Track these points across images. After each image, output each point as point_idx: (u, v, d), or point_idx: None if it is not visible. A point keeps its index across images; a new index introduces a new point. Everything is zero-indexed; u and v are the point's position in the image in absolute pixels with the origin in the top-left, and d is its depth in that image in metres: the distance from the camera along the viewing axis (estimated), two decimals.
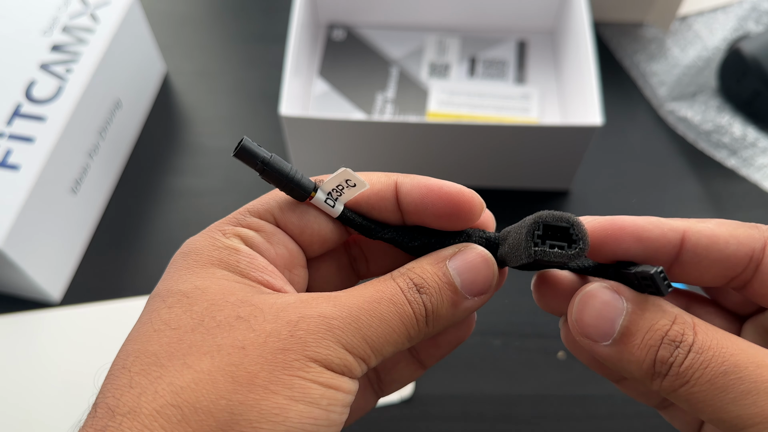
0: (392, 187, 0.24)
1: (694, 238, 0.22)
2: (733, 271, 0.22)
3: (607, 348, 0.20)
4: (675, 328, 0.20)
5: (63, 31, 0.48)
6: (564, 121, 0.53)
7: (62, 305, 0.46)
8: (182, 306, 0.20)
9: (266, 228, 0.23)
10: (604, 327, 0.20)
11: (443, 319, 0.22)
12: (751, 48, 0.51)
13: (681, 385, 0.19)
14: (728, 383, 0.19)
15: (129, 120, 0.52)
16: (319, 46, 0.58)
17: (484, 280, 0.22)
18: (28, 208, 0.41)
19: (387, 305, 0.21)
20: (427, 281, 0.22)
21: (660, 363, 0.19)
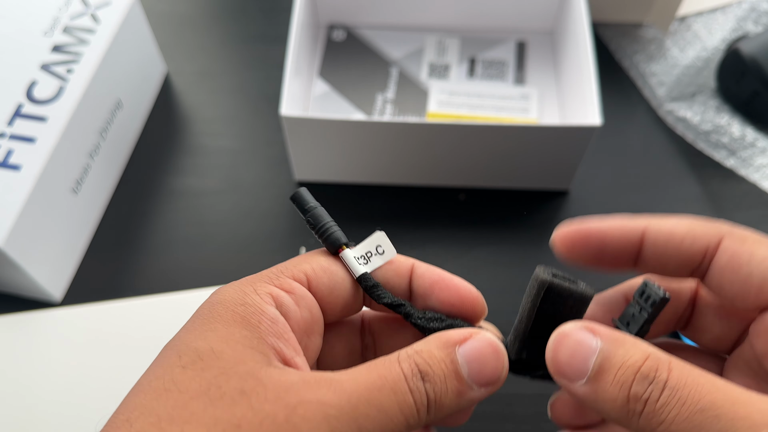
0: (409, 266, 0.25)
1: (654, 235, 0.24)
2: (691, 265, 0.23)
3: (583, 387, 0.20)
4: (648, 364, 0.19)
5: (64, 32, 0.48)
6: (563, 122, 0.53)
7: (63, 305, 0.46)
8: (195, 369, 0.20)
9: (297, 290, 0.24)
10: (578, 365, 0.20)
11: (446, 408, 0.21)
12: (750, 48, 0.51)
13: (658, 423, 0.19)
14: (706, 421, 0.18)
15: (130, 120, 0.52)
16: (319, 47, 0.58)
17: (493, 371, 0.22)
18: (29, 208, 0.41)
19: (388, 394, 0.20)
20: (433, 368, 0.21)
21: (634, 400, 0.19)
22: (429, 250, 0.48)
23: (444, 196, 0.51)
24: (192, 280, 0.47)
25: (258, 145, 0.54)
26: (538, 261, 0.49)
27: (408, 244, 0.49)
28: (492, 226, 0.50)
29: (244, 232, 0.49)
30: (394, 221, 0.50)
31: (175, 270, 0.48)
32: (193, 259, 0.48)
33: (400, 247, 0.51)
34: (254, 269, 0.48)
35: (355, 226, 0.50)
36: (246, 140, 0.54)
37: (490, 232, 0.49)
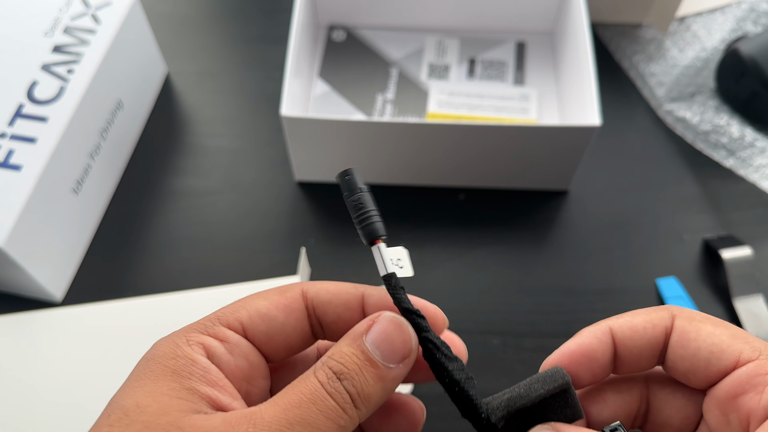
0: (360, 295, 0.25)
1: (620, 333, 0.25)
2: (657, 350, 0.25)
3: None
4: None
5: (64, 32, 0.48)
6: (563, 122, 0.53)
7: (64, 305, 0.46)
8: (120, 425, 0.21)
9: (231, 339, 0.24)
10: None
11: (374, 396, 0.22)
12: (749, 49, 0.51)
13: None
14: None
15: (130, 120, 0.53)
16: (320, 47, 0.58)
17: (403, 345, 0.22)
18: (30, 208, 0.41)
19: (308, 407, 0.21)
20: (347, 365, 0.22)
21: None
22: (429, 250, 0.48)
23: (444, 196, 0.51)
24: (192, 279, 0.47)
25: (258, 146, 0.54)
26: (537, 261, 0.49)
27: (408, 244, 0.49)
28: (492, 226, 0.50)
29: (244, 232, 0.49)
30: (395, 221, 0.50)
31: (175, 270, 0.48)
32: (193, 258, 0.48)
33: None
34: (254, 269, 0.48)
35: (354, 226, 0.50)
36: (246, 140, 0.54)
37: (490, 232, 0.50)
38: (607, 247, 0.49)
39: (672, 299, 0.46)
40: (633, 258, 0.48)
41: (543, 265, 0.48)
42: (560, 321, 0.46)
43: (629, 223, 0.50)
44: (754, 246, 0.47)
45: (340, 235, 0.49)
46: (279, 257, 0.48)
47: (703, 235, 0.49)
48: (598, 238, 0.49)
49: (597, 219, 0.50)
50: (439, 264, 0.48)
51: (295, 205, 0.51)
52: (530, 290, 0.47)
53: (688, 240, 0.49)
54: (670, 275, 0.47)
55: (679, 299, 0.45)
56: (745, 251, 0.46)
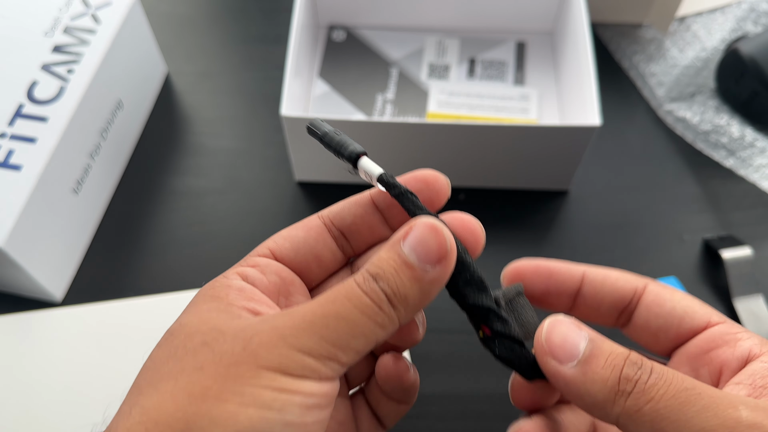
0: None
1: (592, 276, 0.27)
2: (621, 304, 0.27)
3: (573, 369, 0.22)
4: (634, 355, 0.22)
5: (64, 32, 0.48)
6: (563, 122, 0.53)
7: (64, 305, 0.46)
8: (166, 343, 0.23)
9: (261, 262, 0.26)
10: (570, 348, 0.22)
11: (411, 298, 0.22)
12: (749, 48, 0.51)
13: (647, 402, 0.20)
14: (690, 398, 0.20)
15: (130, 120, 0.53)
16: (320, 47, 0.58)
17: (439, 247, 0.23)
18: (30, 208, 0.41)
19: (342, 302, 0.22)
20: (383, 268, 0.22)
21: (625, 380, 0.21)
22: None
23: None
24: (192, 279, 0.47)
25: (258, 146, 0.54)
26: None
27: None
28: (492, 226, 0.50)
29: (244, 232, 0.49)
30: None
31: (175, 270, 0.48)
32: (193, 258, 0.48)
33: None
34: None
35: None
36: (246, 140, 0.54)
37: (490, 232, 0.49)
38: (607, 247, 0.49)
39: None
40: (633, 258, 0.48)
41: None
42: None
43: (629, 223, 0.50)
44: (754, 246, 0.47)
45: None
46: None
47: (703, 235, 0.49)
48: (598, 238, 0.49)
49: (597, 219, 0.50)
50: None
51: (295, 204, 0.51)
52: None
53: (688, 240, 0.49)
54: (671, 275, 0.47)
55: None
56: (745, 251, 0.46)
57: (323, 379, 0.21)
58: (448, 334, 0.45)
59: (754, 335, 0.25)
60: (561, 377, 0.22)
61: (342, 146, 0.25)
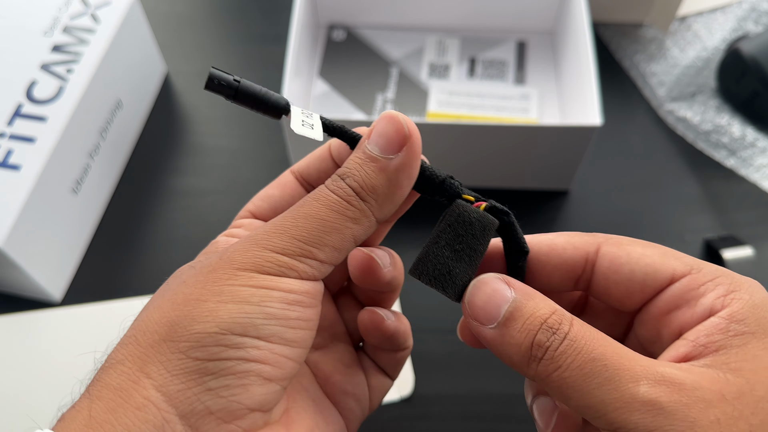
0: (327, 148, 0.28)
1: (537, 247, 0.26)
2: (574, 273, 0.25)
3: (492, 331, 0.22)
4: (554, 318, 0.22)
5: (64, 32, 0.48)
6: (563, 122, 0.53)
7: (63, 305, 0.46)
8: (161, 287, 0.25)
9: (244, 222, 0.28)
10: (491, 311, 0.22)
11: (378, 187, 0.23)
12: (750, 48, 0.51)
13: (554, 369, 0.21)
14: (595, 369, 0.20)
15: (130, 120, 0.52)
16: (320, 47, 0.58)
17: (397, 134, 0.23)
18: (29, 208, 0.41)
19: (311, 204, 0.23)
20: (349, 166, 0.24)
21: (537, 346, 0.21)
22: None
23: None
24: None
25: (258, 145, 0.54)
26: None
27: (408, 244, 0.49)
28: None
29: None
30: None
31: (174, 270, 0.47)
32: (192, 258, 0.48)
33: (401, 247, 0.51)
34: None
35: None
36: (246, 140, 0.54)
37: None
38: None
39: None
40: None
41: None
42: None
43: (630, 223, 0.50)
44: (755, 246, 0.47)
45: None
46: None
47: (704, 235, 0.49)
48: None
49: (598, 219, 0.50)
50: None
51: None
52: None
53: (689, 240, 0.49)
54: None
55: None
56: (746, 251, 0.46)
57: (303, 277, 0.23)
58: (449, 334, 0.45)
59: (723, 281, 0.23)
60: (482, 338, 0.23)
61: (266, 97, 0.24)
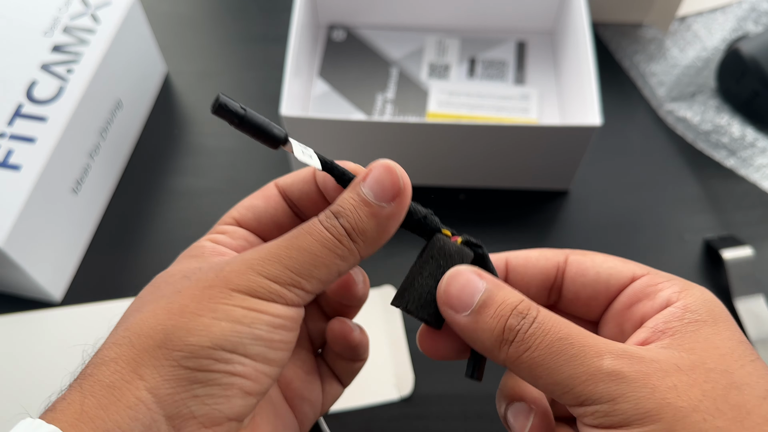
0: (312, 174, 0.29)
1: (515, 260, 0.28)
2: (548, 282, 0.28)
3: (466, 318, 0.24)
4: (523, 305, 0.24)
5: (64, 32, 0.48)
6: (563, 122, 0.53)
7: (63, 305, 0.46)
8: (151, 286, 0.26)
9: (228, 229, 0.29)
10: (465, 299, 0.24)
11: (368, 231, 0.25)
12: (749, 48, 0.51)
13: (524, 350, 0.23)
14: (562, 347, 0.22)
15: (130, 120, 0.53)
16: (320, 47, 0.58)
17: (393, 185, 0.25)
18: (29, 208, 0.41)
19: (305, 237, 0.24)
20: (344, 206, 0.25)
21: (509, 330, 0.23)
22: None
23: (444, 196, 0.51)
24: None
25: (257, 145, 0.53)
26: None
27: (408, 244, 0.49)
28: (492, 226, 0.50)
29: None
30: None
31: None
32: None
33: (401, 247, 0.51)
34: None
35: None
36: (245, 140, 0.54)
37: (490, 232, 0.49)
38: (608, 247, 0.49)
39: None
40: (633, 258, 0.48)
41: None
42: None
43: (630, 223, 0.50)
44: (755, 246, 0.47)
45: None
46: None
47: (704, 235, 0.49)
48: (598, 238, 0.49)
49: (597, 219, 0.50)
50: None
51: None
52: None
53: (689, 240, 0.49)
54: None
55: None
56: (745, 251, 0.46)
57: (289, 304, 0.24)
58: None
59: (676, 282, 0.25)
60: (456, 325, 0.25)
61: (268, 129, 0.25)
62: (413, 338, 0.45)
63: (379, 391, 0.43)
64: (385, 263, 0.48)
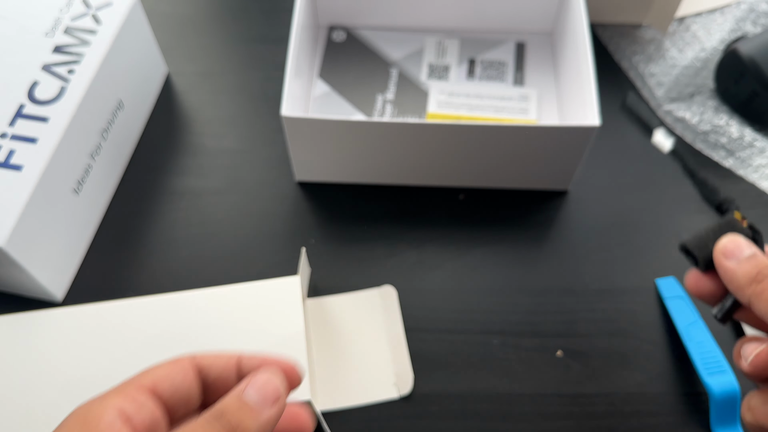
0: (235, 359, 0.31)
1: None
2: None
3: (732, 263, 0.30)
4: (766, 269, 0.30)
5: (65, 33, 0.48)
6: (562, 122, 0.53)
7: (65, 305, 0.46)
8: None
9: (139, 398, 0.28)
10: (736, 252, 0.30)
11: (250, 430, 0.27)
12: (748, 49, 0.52)
13: (765, 288, 0.29)
14: None
15: (131, 121, 0.53)
16: (320, 48, 0.58)
17: (274, 392, 0.28)
18: (31, 208, 0.41)
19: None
20: (226, 407, 0.27)
21: (761, 274, 0.29)
22: (428, 250, 0.49)
23: (443, 196, 0.51)
24: (193, 279, 0.47)
25: (258, 146, 0.54)
26: (537, 261, 0.49)
27: (408, 244, 0.49)
28: (491, 226, 0.50)
29: (244, 232, 0.50)
30: (394, 221, 0.50)
31: (176, 270, 0.48)
32: (193, 258, 0.48)
33: (401, 247, 0.51)
34: (254, 269, 0.48)
35: (355, 226, 0.50)
36: (247, 140, 0.55)
37: (489, 232, 0.50)
38: (607, 247, 0.49)
39: (671, 299, 0.46)
40: (632, 258, 0.48)
41: (542, 265, 0.48)
42: (559, 321, 0.46)
43: (628, 222, 0.50)
44: None
45: (340, 234, 0.49)
46: (279, 257, 0.48)
47: None
48: (597, 238, 0.49)
49: (596, 219, 0.50)
50: (439, 264, 0.48)
51: (296, 204, 0.51)
52: (530, 290, 0.47)
53: None
54: (669, 275, 0.47)
55: (678, 299, 0.46)
56: None
57: None
58: (449, 333, 0.45)
59: None
60: (722, 267, 0.30)
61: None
62: (413, 338, 0.45)
63: (379, 390, 0.43)
64: (384, 263, 0.48)
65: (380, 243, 0.49)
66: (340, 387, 0.43)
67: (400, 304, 0.46)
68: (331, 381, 0.43)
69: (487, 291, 0.47)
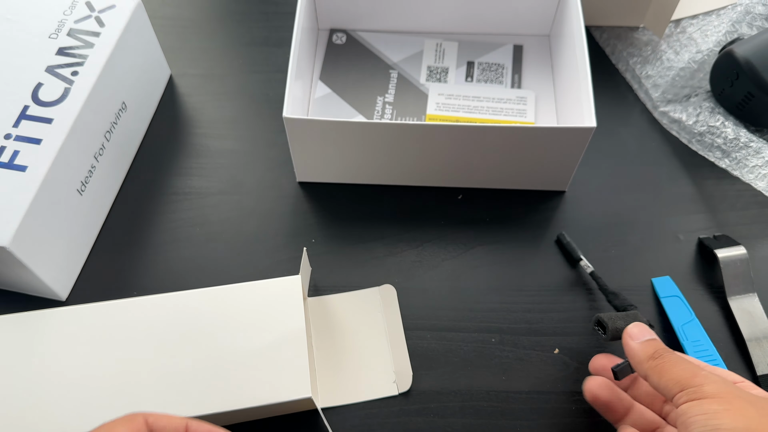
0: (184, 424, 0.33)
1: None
2: None
3: (637, 343, 0.36)
4: (665, 348, 0.36)
5: (69, 35, 0.49)
6: (559, 124, 0.53)
7: (69, 304, 0.46)
8: None
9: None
10: (640, 335, 0.37)
11: None
12: (743, 51, 0.52)
13: (660, 362, 0.34)
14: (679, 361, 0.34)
15: (134, 122, 0.53)
16: (320, 50, 0.58)
17: None
18: (36, 208, 0.42)
19: None
20: None
21: (657, 352, 0.35)
22: (428, 250, 0.49)
23: (442, 196, 0.52)
24: (195, 279, 0.47)
25: (260, 147, 0.55)
26: (534, 260, 0.50)
27: (407, 244, 0.49)
28: (490, 226, 0.50)
29: (247, 232, 0.50)
30: (394, 221, 0.50)
31: (178, 269, 0.48)
32: (196, 258, 0.49)
33: (401, 247, 0.51)
34: (256, 269, 0.49)
35: (355, 226, 0.50)
36: (249, 142, 0.55)
37: (488, 232, 0.50)
38: (603, 247, 0.49)
39: (667, 298, 0.46)
40: (629, 257, 0.49)
41: (540, 264, 0.49)
42: (557, 319, 0.46)
43: (625, 223, 0.51)
44: (748, 246, 0.48)
45: (341, 234, 0.50)
46: (281, 257, 0.49)
47: (699, 235, 0.50)
48: (594, 238, 0.50)
49: (593, 219, 0.51)
50: (438, 263, 0.49)
51: (297, 205, 0.51)
52: (527, 289, 0.47)
53: (684, 240, 0.50)
54: (666, 275, 0.48)
55: (674, 298, 0.46)
56: (739, 251, 0.47)
57: None
58: (447, 332, 0.46)
59: None
60: (630, 346, 0.37)
61: None
62: (412, 336, 0.45)
63: (379, 386, 0.43)
64: (384, 263, 0.48)
65: (380, 243, 0.49)
66: (340, 384, 0.43)
67: (400, 303, 0.47)
68: (331, 378, 0.43)
69: (485, 290, 0.48)
